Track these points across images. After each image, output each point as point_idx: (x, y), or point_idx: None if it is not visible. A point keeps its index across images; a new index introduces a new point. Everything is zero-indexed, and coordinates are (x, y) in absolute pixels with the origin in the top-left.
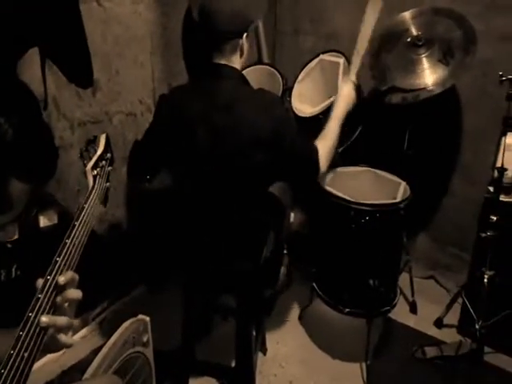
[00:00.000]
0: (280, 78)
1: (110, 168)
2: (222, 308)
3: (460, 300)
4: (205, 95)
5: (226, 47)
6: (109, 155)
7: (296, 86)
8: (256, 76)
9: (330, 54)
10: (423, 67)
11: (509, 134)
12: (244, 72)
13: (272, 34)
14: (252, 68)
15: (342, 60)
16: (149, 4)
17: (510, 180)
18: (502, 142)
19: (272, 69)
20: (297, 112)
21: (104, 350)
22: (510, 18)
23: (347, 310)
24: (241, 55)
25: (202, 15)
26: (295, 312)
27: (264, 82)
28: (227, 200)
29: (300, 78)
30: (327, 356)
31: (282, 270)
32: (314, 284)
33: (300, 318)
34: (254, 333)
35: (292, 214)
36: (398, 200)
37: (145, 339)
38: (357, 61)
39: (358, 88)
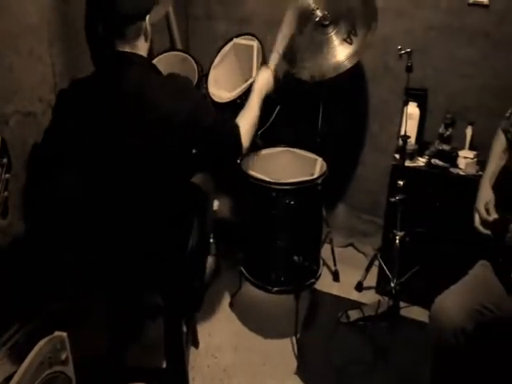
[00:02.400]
0: (195, 65)
1: (7, 175)
2: (148, 308)
3: (377, 262)
4: (109, 86)
5: (129, 32)
6: (5, 161)
7: (211, 71)
8: (169, 63)
9: (244, 37)
10: (330, 47)
11: (410, 103)
12: (156, 59)
13: (184, 20)
14: (164, 55)
15: (255, 43)
16: None
17: (413, 146)
18: (405, 112)
19: (186, 55)
20: (214, 98)
21: (16, 377)
22: None
23: (275, 289)
24: (145, 39)
25: None
26: (226, 300)
27: (178, 69)
28: (147, 193)
29: (215, 63)
30: (259, 337)
31: (210, 259)
32: (242, 268)
33: (231, 304)
34: (185, 329)
35: (216, 202)
36: (315, 176)
37: (63, 357)
38: (276, 57)
39: (276, 77)
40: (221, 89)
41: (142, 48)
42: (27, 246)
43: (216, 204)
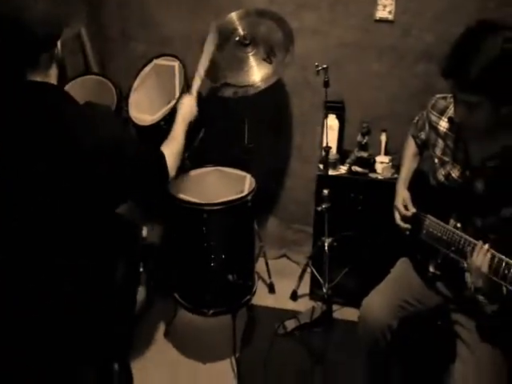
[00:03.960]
0: (113, 88)
1: None
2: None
3: (309, 270)
4: (21, 121)
5: (42, 60)
6: None
7: (132, 94)
8: (85, 87)
9: (165, 58)
10: (250, 65)
11: (329, 115)
12: (70, 84)
13: (99, 41)
14: (79, 79)
15: (177, 63)
16: None
17: (334, 156)
18: (325, 124)
19: (102, 78)
20: (136, 122)
21: None
22: (318, 14)
23: (211, 311)
24: (57, 66)
25: (6, 21)
26: (161, 329)
27: (94, 93)
28: (68, 229)
29: (135, 85)
30: (198, 364)
31: (140, 289)
32: (176, 294)
33: (166, 334)
34: (117, 367)
35: (145, 229)
36: (245, 193)
37: None
38: (198, 81)
39: (199, 97)
40: (143, 112)
41: (53, 76)
42: None
43: (145, 231)
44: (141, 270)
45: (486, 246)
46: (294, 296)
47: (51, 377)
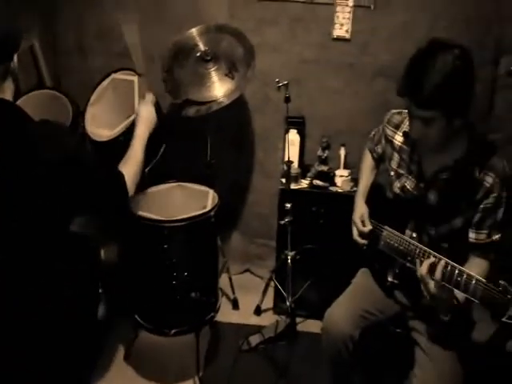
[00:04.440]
0: (68, 103)
1: None
2: None
3: (273, 284)
4: None
5: None
6: None
7: (89, 109)
8: (38, 103)
9: (123, 72)
10: (212, 81)
11: (291, 131)
12: (22, 99)
13: (53, 54)
14: (32, 94)
15: (135, 78)
16: None
17: (296, 170)
18: (286, 139)
19: (57, 93)
20: (93, 137)
21: None
22: (278, 31)
23: (174, 331)
24: (14, 80)
25: None
26: (120, 353)
27: (49, 108)
28: (24, 249)
29: (92, 100)
30: None
31: (100, 311)
32: (137, 316)
33: (126, 357)
34: None
35: (103, 249)
36: (208, 209)
37: None
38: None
39: (158, 107)
40: (100, 127)
41: (9, 91)
42: None
43: (103, 251)
44: (100, 291)
45: (439, 257)
46: (258, 311)
47: None
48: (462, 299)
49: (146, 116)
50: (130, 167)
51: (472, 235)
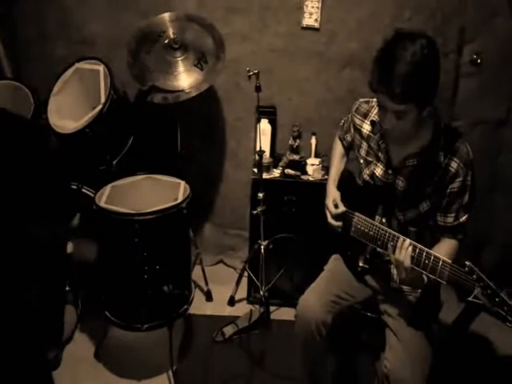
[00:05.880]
0: (29, 94)
1: None
2: None
3: (246, 274)
4: None
5: None
6: None
7: (51, 100)
8: None
9: (88, 61)
10: (180, 70)
11: (262, 120)
12: None
13: (13, 42)
14: None
15: (101, 67)
16: None
17: (268, 160)
18: (258, 128)
19: (17, 83)
20: (57, 129)
21: None
22: (248, 20)
23: (146, 325)
24: None
25: None
26: (91, 350)
27: (9, 99)
28: None
29: (55, 90)
30: (133, 381)
31: (68, 309)
32: (107, 312)
33: (96, 355)
34: None
35: (70, 244)
36: (179, 201)
37: None
38: None
39: (124, 96)
40: (65, 118)
41: None
42: None
43: (70, 247)
44: (67, 289)
45: (408, 241)
46: (232, 301)
47: None
48: (430, 279)
49: None
50: None
51: (440, 218)
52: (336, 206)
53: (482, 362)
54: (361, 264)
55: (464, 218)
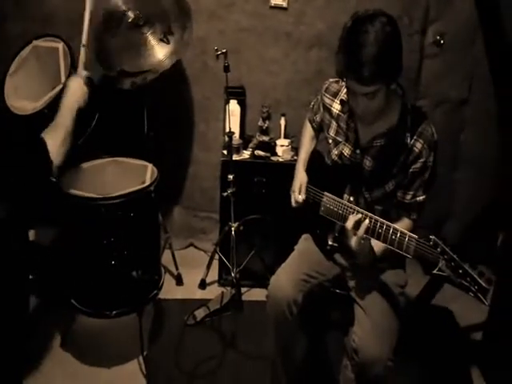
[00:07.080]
0: None
1: None
2: None
3: (217, 256)
4: None
5: None
6: None
7: (8, 80)
8: None
9: (46, 39)
10: (147, 48)
11: (231, 101)
12: None
13: None
14: None
15: (61, 45)
16: None
17: (238, 141)
18: (227, 109)
19: None
20: (14, 110)
21: None
22: None
23: (115, 312)
24: None
25: None
26: (57, 341)
27: None
28: None
29: (11, 70)
30: (103, 369)
31: (31, 300)
32: (73, 300)
33: (63, 344)
34: None
35: (31, 231)
36: (147, 184)
37: None
38: (83, 57)
39: (90, 81)
40: (22, 99)
41: None
42: None
43: (32, 234)
44: (30, 277)
45: (360, 215)
46: (203, 284)
47: None
48: (379, 252)
49: (74, 88)
50: (55, 135)
51: (399, 194)
52: (300, 192)
53: (443, 331)
54: (330, 242)
55: (421, 197)
